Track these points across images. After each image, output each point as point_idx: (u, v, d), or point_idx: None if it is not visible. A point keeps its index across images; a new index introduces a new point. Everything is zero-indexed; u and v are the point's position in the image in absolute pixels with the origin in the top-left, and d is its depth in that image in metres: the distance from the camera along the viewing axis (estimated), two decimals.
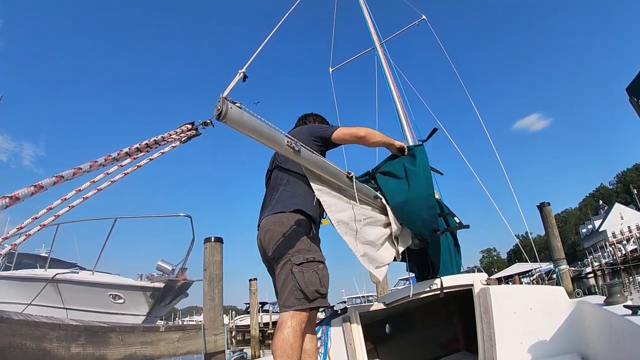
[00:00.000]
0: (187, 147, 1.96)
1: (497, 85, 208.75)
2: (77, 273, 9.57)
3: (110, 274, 10.27)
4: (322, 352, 3.19)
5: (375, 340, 3.89)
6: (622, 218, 70.66)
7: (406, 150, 3.28)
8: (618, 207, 74.72)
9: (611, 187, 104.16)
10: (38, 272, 9.86)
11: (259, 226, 2.75)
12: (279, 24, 3.19)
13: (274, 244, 2.52)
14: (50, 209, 1.63)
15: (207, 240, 6.08)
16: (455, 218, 4.17)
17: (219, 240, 6.10)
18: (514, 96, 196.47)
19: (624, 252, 51.27)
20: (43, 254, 12.88)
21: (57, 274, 8.97)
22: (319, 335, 3.27)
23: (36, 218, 1.61)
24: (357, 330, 3.24)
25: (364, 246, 2.71)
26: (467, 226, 4.01)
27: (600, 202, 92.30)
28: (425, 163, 3.15)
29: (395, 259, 3.10)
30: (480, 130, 7.72)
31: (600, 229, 74.57)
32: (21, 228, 1.61)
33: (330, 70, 8.81)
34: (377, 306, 3.52)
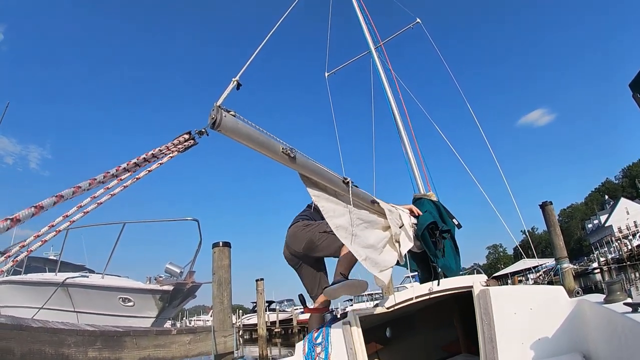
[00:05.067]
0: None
1: (501, 80, 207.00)
2: (87, 277, 9.66)
3: (120, 276, 10.39)
4: (323, 356, 3.18)
5: (376, 344, 3.91)
6: (628, 213, 69.94)
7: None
8: (624, 202, 74.02)
9: (617, 181, 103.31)
10: (48, 276, 9.94)
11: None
12: (272, 31, 3.24)
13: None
14: (67, 216, 1.68)
15: (216, 245, 6.19)
16: (454, 220, 4.27)
17: (227, 244, 6.22)
18: (518, 92, 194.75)
19: (630, 247, 50.86)
20: (52, 257, 12.99)
21: (67, 278, 9.06)
22: (319, 340, 3.28)
23: (53, 226, 1.66)
24: (357, 334, 3.22)
25: (365, 250, 2.73)
26: (460, 226, 4.20)
27: (606, 196, 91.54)
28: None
29: (398, 262, 3.17)
30: (482, 128, 7.74)
31: (606, 224, 73.89)
32: (39, 236, 1.66)
33: (326, 74, 8.80)
34: (377, 310, 3.51)
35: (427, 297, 3.42)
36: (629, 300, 2.08)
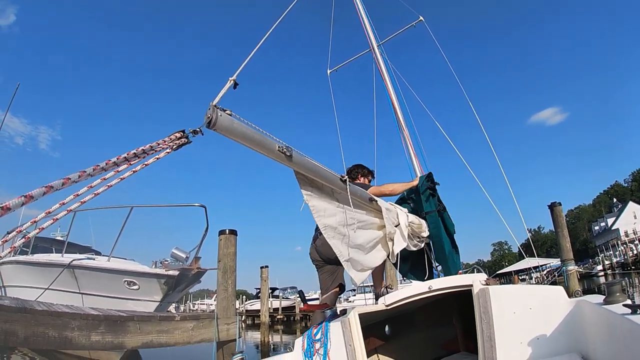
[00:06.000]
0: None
1: (513, 78, 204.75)
2: (94, 259, 9.73)
3: (126, 259, 10.46)
4: (322, 353, 3.22)
5: (375, 341, 3.93)
6: (635, 217, 69.64)
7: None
8: (632, 206, 73.59)
9: (626, 185, 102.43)
10: (55, 257, 10.01)
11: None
12: (269, 32, 3.22)
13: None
14: (77, 195, 1.72)
15: (222, 232, 6.21)
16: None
17: (233, 232, 6.24)
18: (531, 89, 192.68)
19: (635, 251, 50.69)
20: (59, 238, 13.09)
21: (73, 259, 9.12)
22: (318, 336, 3.33)
23: (63, 204, 1.69)
24: (356, 331, 3.23)
25: (350, 250, 2.75)
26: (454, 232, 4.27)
27: (614, 199, 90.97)
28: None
29: (390, 260, 3.18)
30: (487, 125, 7.67)
31: (613, 227, 73.60)
32: (50, 213, 1.69)
33: (328, 72, 8.76)
34: (377, 307, 3.52)
35: (427, 295, 3.41)
36: (628, 301, 2.08)
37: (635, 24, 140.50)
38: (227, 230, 6.23)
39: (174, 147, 1.96)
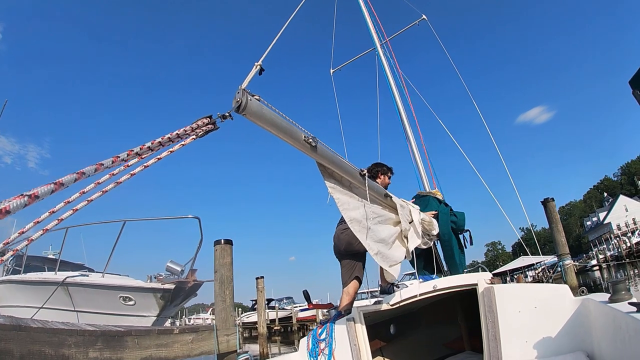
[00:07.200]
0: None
1: (499, 79, 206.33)
2: (87, 276, 9.62)
3: (120, 275, 10.35)
4: (327, 352, 3.24)
5: (380, 341, 3.91)
6: (626, 210, 70.12)
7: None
8: (622, 199, 74.13)
9: (615, 179, 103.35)
10: (48, 275, 9.90)
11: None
12: (291, 16, 3.27)
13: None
14: (53, 212, 1.61)
15: (217, 242, 6.14)
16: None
17: (228, 242, 6.16)
18: (516, 89, 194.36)
19: (628, 244, 51.04)
20: (51, 256, 12.95)
21: (67, 277, 9.00)
22: (323, 336, 3.34)
23: (38, 222, 1.58)
24: (361, 330, 3.25)
25: (377, 244, 2.76)
26: (467, 230, 4.27)
27: (605, 194, 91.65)
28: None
29: (405, 257, 3.17)
30: (476, 127, 7.76)
31: (605, 222, 74.00)
32: (23, 232, 1.61)
33: (331, 71, 8.78)
34: (382, 306, 3.51)
35: (432, 294, 3.41)
36: (634, 299, 2.08)
37: (617, 14, 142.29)
38: (222, 240, 6.16)
39: (200, 133, 1.91)
